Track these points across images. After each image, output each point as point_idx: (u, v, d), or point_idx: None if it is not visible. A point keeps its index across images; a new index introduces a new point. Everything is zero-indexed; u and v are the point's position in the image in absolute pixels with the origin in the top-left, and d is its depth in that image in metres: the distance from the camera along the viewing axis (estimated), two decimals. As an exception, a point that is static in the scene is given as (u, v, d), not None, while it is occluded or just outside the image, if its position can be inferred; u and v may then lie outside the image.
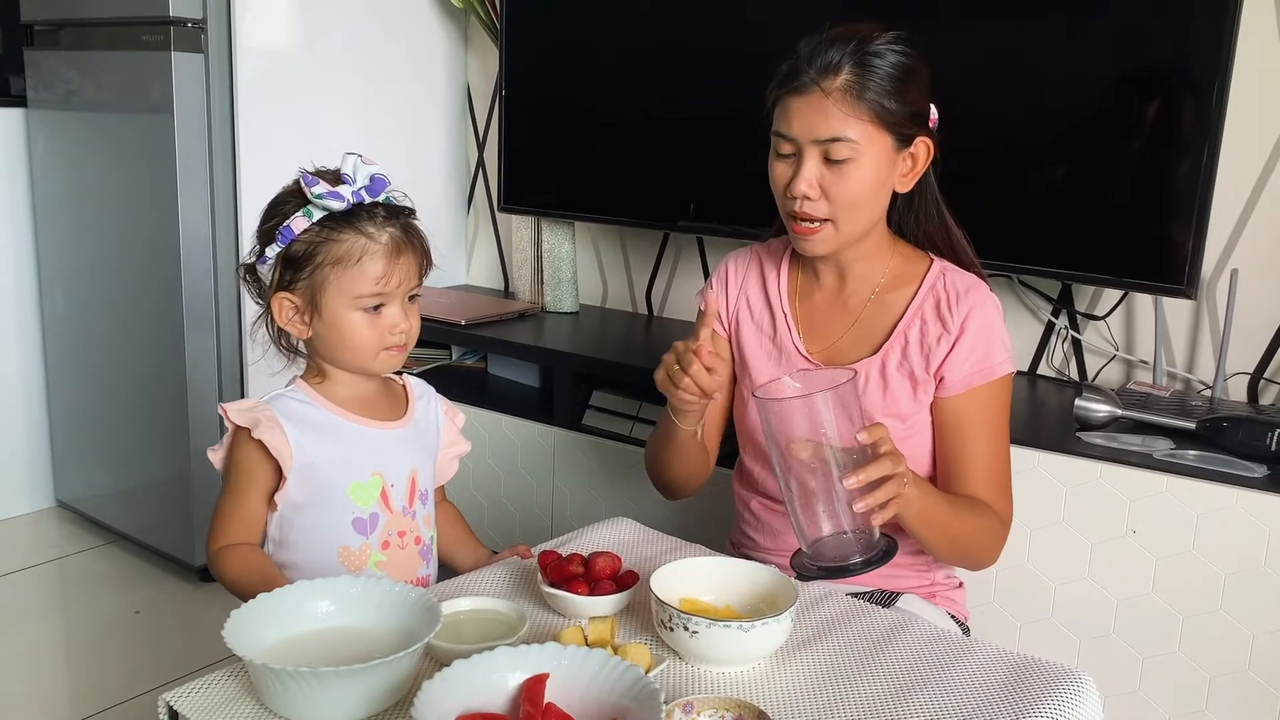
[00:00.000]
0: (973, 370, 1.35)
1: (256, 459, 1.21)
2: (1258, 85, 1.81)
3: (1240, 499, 1.53)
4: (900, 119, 1.31)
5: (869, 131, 1.29)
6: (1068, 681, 1.05)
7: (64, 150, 2.64)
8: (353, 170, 1.20)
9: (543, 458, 2.25)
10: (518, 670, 0.93)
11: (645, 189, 2.36)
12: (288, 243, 1.19)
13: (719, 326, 1.51)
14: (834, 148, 1.29)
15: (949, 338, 1.35)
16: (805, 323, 1.45)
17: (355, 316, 1.21)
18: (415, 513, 1.29)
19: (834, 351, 1.42)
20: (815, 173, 1.31)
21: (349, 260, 1.19)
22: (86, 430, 2.78)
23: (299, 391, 1.26)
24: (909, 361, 1.37)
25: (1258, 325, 1.88)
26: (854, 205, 1.32)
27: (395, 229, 1.21)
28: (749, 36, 2.12)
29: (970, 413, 1.36)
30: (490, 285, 2.93)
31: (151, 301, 2.45)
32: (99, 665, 2.21)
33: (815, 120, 1.29)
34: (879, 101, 1.28)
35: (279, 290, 1.22)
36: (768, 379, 1.43)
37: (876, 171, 1.31)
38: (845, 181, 1.30)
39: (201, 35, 2.30)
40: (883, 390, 1.38)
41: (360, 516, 1.24)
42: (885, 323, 1.40)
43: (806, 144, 1.30)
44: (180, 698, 0.97)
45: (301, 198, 1.19)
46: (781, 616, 1.03)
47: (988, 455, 1.38)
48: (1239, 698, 1.56)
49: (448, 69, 2.80)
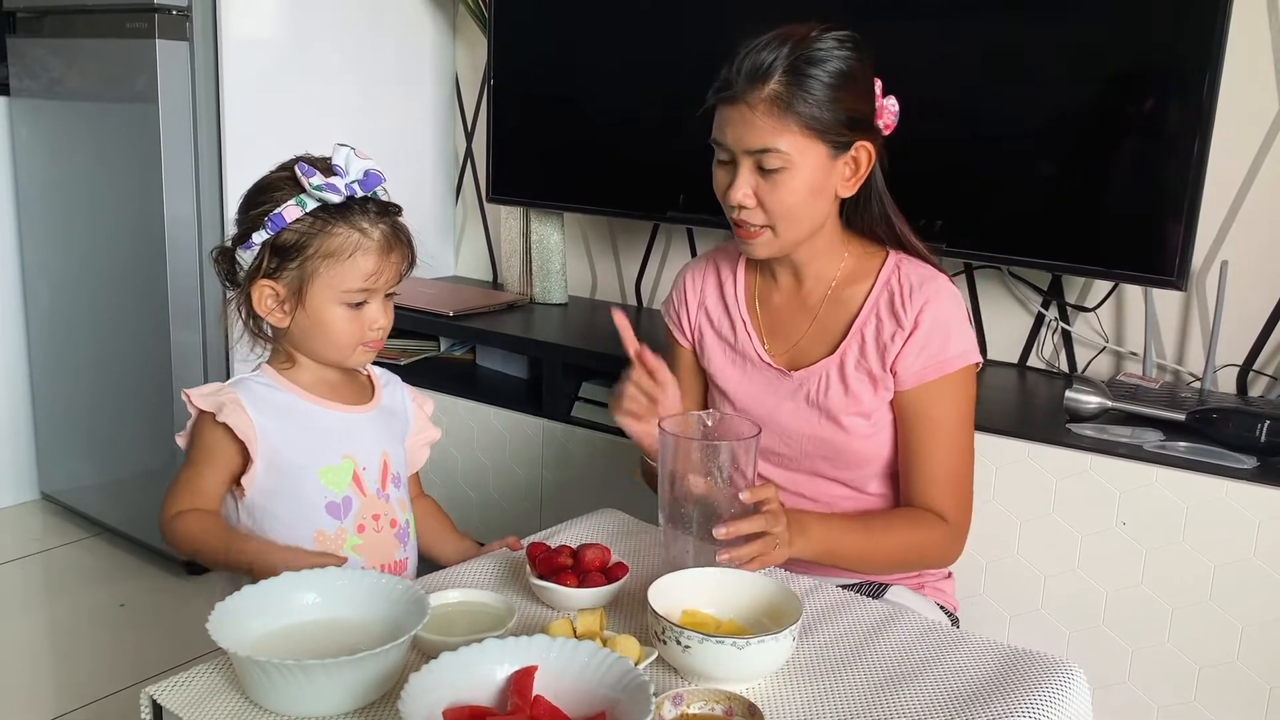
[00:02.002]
0: (926, 364, 1.33)
1: (220, 440, 1.21)
2: (1248, 77, 1.81)
3: (1230, 490, 1.53)
4: (833, 128, 1.27)
5: (800, 142, 1.26)
6: (1057, 673, 1.05)
7: (47, 139, 2.62)
8: (345, 162, 1.18)
9: (531, 449, 2.24)
10: (506, 662, 0.92)
11: (635, 179, 2.34)
12: (277, 231, 1.18)
13: (681, 339, 1.51)
14: (765, 158, 1.27)
15: (902, 333, 1.34)
16: (767, 326, 1.44)
17: (338, 310, 1.21)
18: (389, 495, 1.29)
19: (796, 353, 1.41)
20: (750, 182, 1.29)
21: (341, 255, 1.18)
22: (71, 422, 2.76)
23: (264, 376, 1.25)
24: (866, 360, 1.36)
25: (1247, 317, 1.88)
26: (788, 214, 1.30)
27: (386, 226, 1.21)
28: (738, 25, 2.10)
29: (925, 408, 1.35)
30: (479, 276, 2.92)
31: (136, 293, 2.43)
32: (84, 659, 2.20)
33: (744, 131, 1.27)
34: (808, 113, 1.25)
35: (262, 278, 1.20)
36: (735, 386, 1.44)
37: (811, 180, 1.29)
38: (779, 191, 1.28)
39: (187, 23, 2.28)
40: (844, 390, 1.37)
41: (334, 500, 1.24)
42: (843, 320, 1.39)
43: (739, 153, 1.29)
44: (164, 691, 0.96)
45: (293, 185, 1.18)
46: (780, 635, 0.98)
47: (942, 453, 1.36)
48: (1228, 689, 1.57)
49: (435, 58, 2.78)
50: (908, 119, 1.38)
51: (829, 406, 1.37)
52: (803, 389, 1.39)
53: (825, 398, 1.37)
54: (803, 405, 1.39)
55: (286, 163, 1.20)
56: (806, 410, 1.39)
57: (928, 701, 1.00)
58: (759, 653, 0.98)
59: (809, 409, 1.39)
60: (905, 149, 1.38)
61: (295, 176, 1.17)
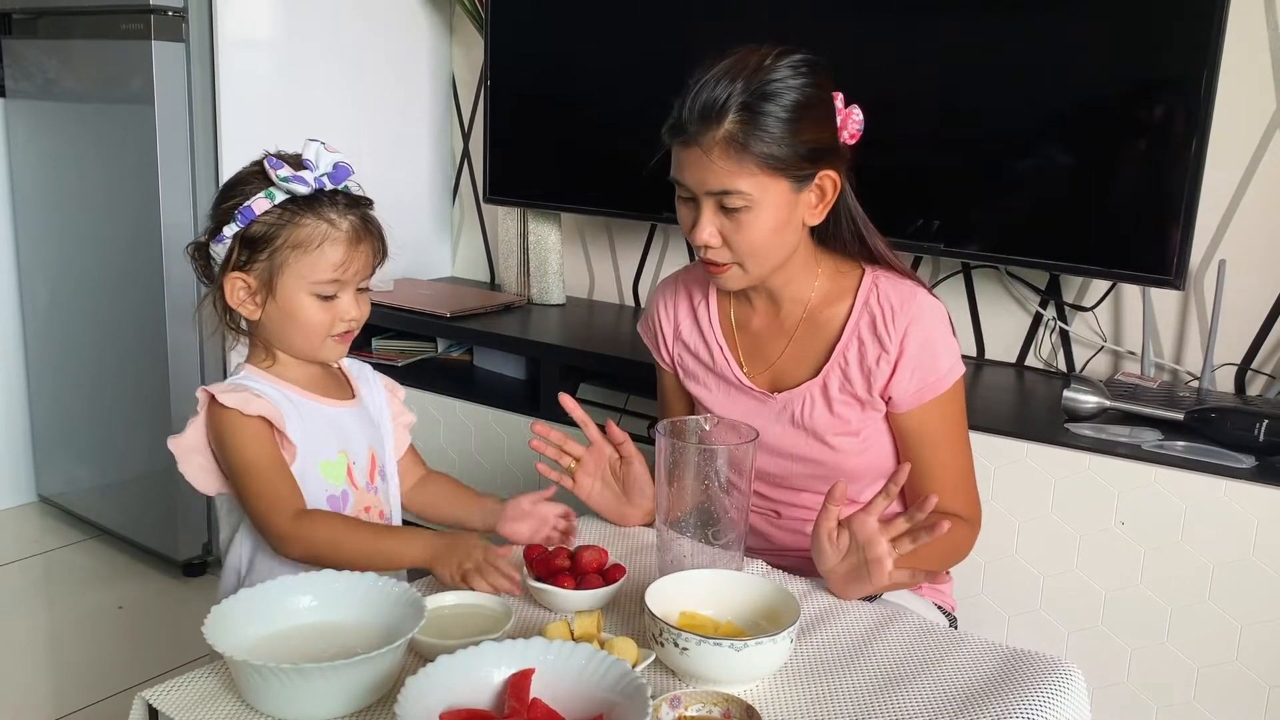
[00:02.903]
0: (920, 387, 1.32)
1: (264, 431, 1.19)
2: (1245, 77, 1.81)
3: (1228, 490, 1.53)
4: (795, 163, 1.24)
5: (761, 181, 1.23)
6: (1055, 673, 1.05)
7: (43, 141, 2.61)
8: (314, 156, 1.20)
9: (529, 451, 2.23)
10: (503, 665, 0.92)
11: (632, 180, 2.33)
12: (247, 223, 1.19)
13: (662, 362, 1.51)
14: (726, 199, 1.25)
15: (888, 358, 1.32)
16: (746, 349, 1.43)
17: (309, 301, 1.21)
18: (378, 489, 1.31)
19: (776, 373, 1.40)
20: (713, 222, 1.27)
21: (309, 245, 1.19)
22: (68, 424, 2.75)
23: (252, 376, 1.25)
24: (850, 384, 1.34)
25: (1245, 316, 1.88)
26: (755, 252, 1.28)
27: (355, 217, 1.22)
28: (735, 26, 2.10)
29: (926, 424, 1.35)
30: (476, 277, 2.92)
31: (133, 294, 2.43)
32: (82, 661, 2.19)
33: (701, 175, 1.24)
34: (767, 152, 1.22)
35: (233, 270, 1.21)
36: (721, 409, 1.42)
37: (776, 216, 1.26)
38: (744, 231, 1.26)
39: (182, 24, 2.27)
40: (829, 411, 1.36)
41: (333, 494, 1.25)
42: (823, 342, 1.37)
43: (700, 194, 1.26)
44: (159, 695, 0.95)
45: (262, 179, 1.19)
46: (778, 637, 0.98)
47: (948, 461, 1.36)
48: (1227, 688, 1.56)
49: (432, 59, 2.77)
50: (906, 119, 1.38)
51: (815, 428, 1.37)
52: (787, 410, 1.38)
53: (811, 419, 1.36)
54: (789, 427, 1.38)
55: (258, 159, 1.21)
56: (793, 431, 1.38)
57: (926, 702, 0.99)
58: (757, 655, 0.98)
59: (795, 430, 1.38)
60: (902, 149, 1.37)
61: (264, 170, 1.19)
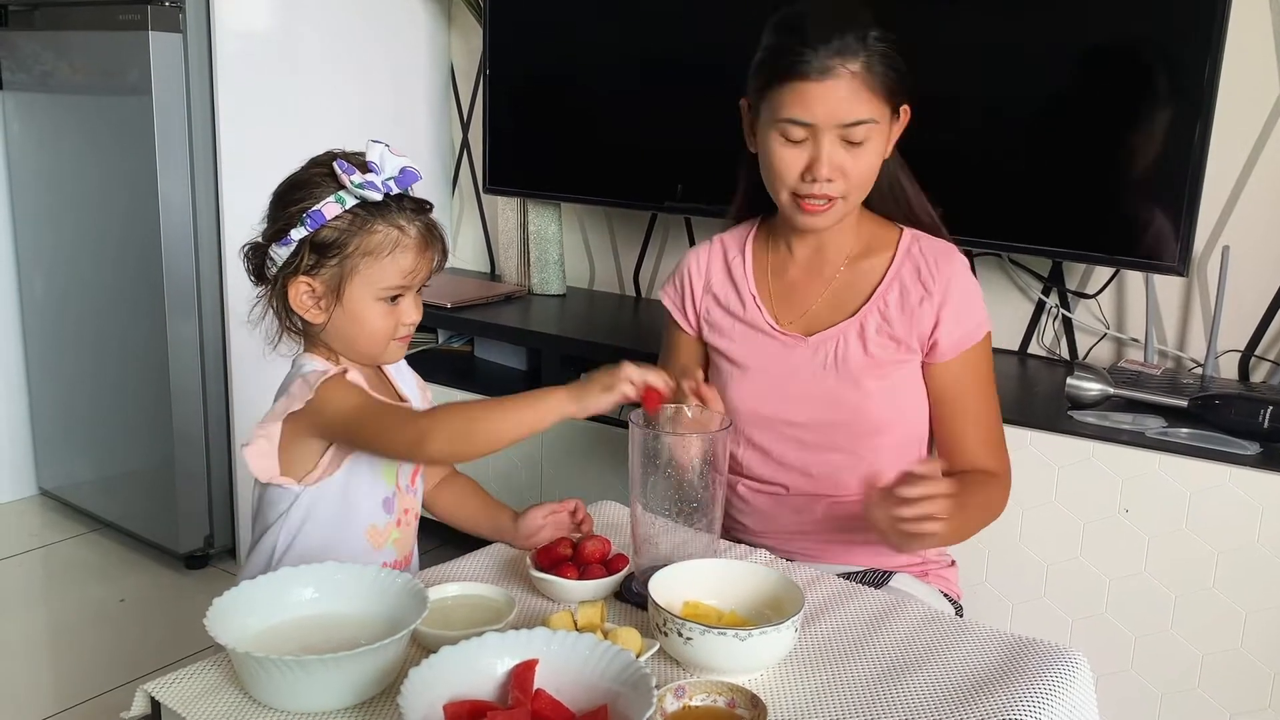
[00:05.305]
0: (964, 333, 1.36)
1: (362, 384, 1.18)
2: (1248, 62, 1.80)
3: (1232, 477, 1.53)
4: (898, 90, 1.31)
5: (881, 109, 1.29)
6: (1060, 660, 1.05)
7: (40, 133, 2.60)
8: (380, 159, 1.18)
9: (530, 441, 2.23)
10: (506, 656, 0.92)
11: (632, 169, 2.33)
12: (317, 227, 1.17)
13: (684, 323, 1.50)
14: (855, 130, 1.27)
15: (931, 301, 1.35)
16: (779, 296, 1.44)
17: (375, 306, 1.20)
18: (416, 490, 1.31)
19: (809, 319, 1.41)
20: (838, 156, 1.29)
21: (381, 252, 1.18)
22: (68, 417, 2.75)
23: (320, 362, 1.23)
24: (889, 324, 1.37)
25: (1249, 302, 1.87)
26: (864, 182, 1.33)
27: (422, 223, 1.21)
28: (736, 15, 2.09)
29: (964, 376, 1.38)
30: (476, 268, 2.91)
31: (132, 286, 2.42)
32: (83, 655, 2.19)
33: (837, 105, 1.26)
34: (887, 76, 1.28)
35: (300, 274, 1.19)
36: (745, 357, 1.43)
37: (881, 144, 1.32)
38: (860, 161, 1.30)
39: (180, 14, 2.26)
40: (863, 351, 1.37)
41: (388, 495, 1.25)
42: (861, 288, 1.40)
43: (828, 128, 1.28)
44: (161, 688, 0.95)
45: (329, 181, 1.17)
46: (782, 626, 0.97)
47: (983, 417, 1.39)
48: (1231, 675, 1.56)
49: (431, 48, 2.76)
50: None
51: (848, 367, 1.37)
52: (819, 353, 1.39)
53: (844, 358, 1.38)
54: (818, 370, 1.38)
55: (320, 158, 1.19)
56: (822, 374, 1.38)
57: (931, 691, 0.99)
58: (761, 644, 0.97)
59: (824, 372, 1.38)
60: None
61: (333, 173, 1.16)
